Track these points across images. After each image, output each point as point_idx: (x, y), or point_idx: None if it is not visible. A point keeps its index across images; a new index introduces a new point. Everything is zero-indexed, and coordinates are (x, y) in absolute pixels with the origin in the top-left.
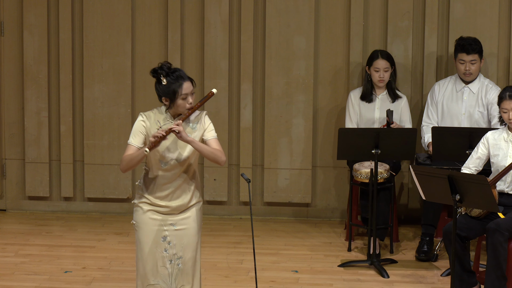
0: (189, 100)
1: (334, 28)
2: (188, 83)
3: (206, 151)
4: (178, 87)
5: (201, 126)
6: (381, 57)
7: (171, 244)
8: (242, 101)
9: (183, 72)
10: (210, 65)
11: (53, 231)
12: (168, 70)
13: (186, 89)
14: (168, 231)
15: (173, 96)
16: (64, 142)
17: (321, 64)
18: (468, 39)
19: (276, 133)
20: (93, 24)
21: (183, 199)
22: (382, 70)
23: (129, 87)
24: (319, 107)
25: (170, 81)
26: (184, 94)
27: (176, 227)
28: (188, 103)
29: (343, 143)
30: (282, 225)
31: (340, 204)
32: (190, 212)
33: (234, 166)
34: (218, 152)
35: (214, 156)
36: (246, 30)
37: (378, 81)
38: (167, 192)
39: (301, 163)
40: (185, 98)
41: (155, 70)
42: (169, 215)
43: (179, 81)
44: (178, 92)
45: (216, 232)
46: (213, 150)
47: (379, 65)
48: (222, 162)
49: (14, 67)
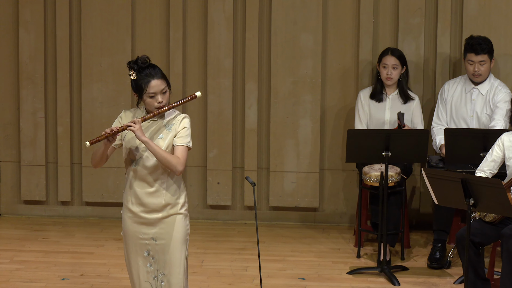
0: (158, 99)
1: (342, 25)
2: (158, 81)
3: (160, 156)
4: (146, 83)
5: (175, 128)
6: (391, 53)
7: (154, 259)
8: (247, 101)
9: (158, 70)
10: (214, 63)
11: (50, 237)
12: (142, 64)
13: (154, 87)
14: (151, 245)
15: (140, 93)
16: (61, 144)
17: (329, 63)
18: (478, 38)
19: (282, 135)
20: (91, 21)
21: (157, 208)
22: (390, 67)
23: (128, 86)
24: (327, 108)
25: (139, 77)
26: (151, 93)
27: (157, 241)
28: (157, 102)
29: (352, 145)
30: (289, 231)
31: (349, 208)
32: (170, 223)
33: (238, 169)
34: (174, 160)
35: (167, 163)
36: (251, 27)
37: (385, 79)
38: (141, 199)
39: (308, 166)
40: (153, 97)
41: (129, 63)
42: (150, 227)
43: (148, 78)
44: (144, 89)
45: (219, 238)
46: (168, 157)
47: (387, 61)
48: (176, 172)
49: (9, 65)
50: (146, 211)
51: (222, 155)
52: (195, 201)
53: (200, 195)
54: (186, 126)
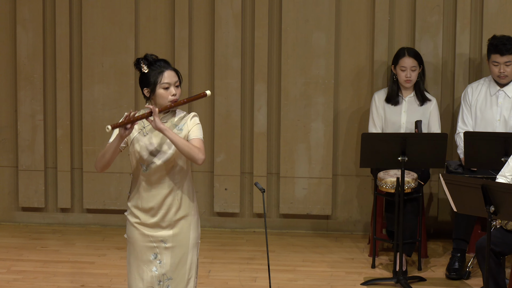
0: (172, 91)
1: (357, 23)
2: (171, 72)
3: (182, 144)
4: (159, 74)
5: (186, 127)
6: (408, 54)
7: (161, 263)
8: (256, 103)
9: (168, 63)
10: (221, 64)
11: (49, 246)
12: (152, 60)
13: (167, 77)
14: (159, 249)
15: (154, 86)
16: (61, 148)
17: (343, 63)
18: (502, 38)
19: (293, 139)
20: (93, 18)
21: (170, 211)
22: (409, 69)
23: (132, 87)
24: (340, 110)
25: (152, 69)
26: (165, 83)
27: (166, 244)
28: (171, 94)
29: (367, 150)
30: (300, 239)
31: (363, 216)
32: (182, 227)
33: (247, 174)
34: (195, 148)
35: (189, 150)
36: (261, 25)
37: (404, 81)
38: (152, 203)
39: (321, 171)
40: (167, 88)
41: (138, 60)
42: (159, 229)
43: (161, 69)
44: (158, 80)
45: (227, 247)
46: (189, 145)
47: (406, 63)
48: (199, 160)
49: (6, 65)
50: (158, 215)
51: (230, 160)
52: (202, 208)
53: (207, 202)
54: (198, 123)
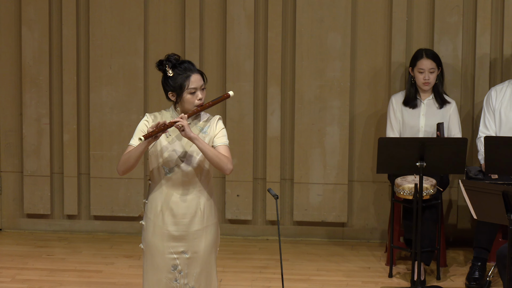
0: (198, 95)
1: (373, 24)
2: (197, 75)
3: (211, 153)
4: (186, 79)
5: (211, 130)
6: (426, 56)
7: (182, 274)
8: (269, 107)
9: (193, 64)
10: (233, 66)
11: (55, 254)
12: (175, 61)
13: (194, 82)
14: (179, 259)
15: (180, 90)
16: (67, 153)
17: (359, 65)
18: None
19: (307, 143)
20: (101, 19)
21: (193, 218)
22: (427, 71)
23: (141, 90)
24: (356, 114)
25: (177, 73)
26: (192, 88)
27: (188, 254)
28: (197, 99)
29: (384, 155)
30: (314, 248)
31: (380, 223)
32: (204, 236)
33: (260, 180)
34: (224, 158)
35: (218, 161)
36: (274, 26)
37: (422, 84)
38: (174, 209)
39: (336, 177)
40: (194, 93)
41: (161, 61)
42: (180, 240)
43: (187, 73)
44: (185, 85)
45: (239, 255)
46: (219, 154)
47: (424, 65)
48: (227, 170)
49: (11, 67)
50: (181, 223)
51: (242, 165)
52: None
53: (219, 208)
54: (223, 127)
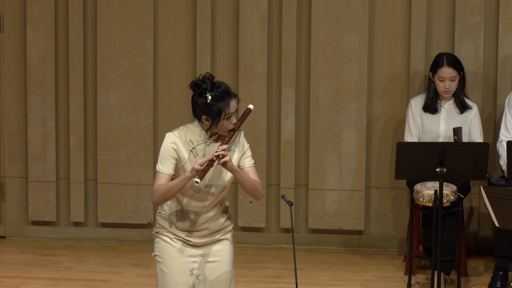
0: (233, 120)
1: (392, 24)
2: (234, 101)
3: (248, 183)
4: (225, 105)
5: (239, 148)
6: (447, 64)
7: (200, 279)
8: (283, 110)
9: (229, 87)
10: (246, 67)
11: (61, 262)
12: (211, 84)
13: (233, 107)
14: (198, 263)
15: (218, 116)
16: (74, 158)
17: (377, 67)
18: None
19: (323, 148)
20: (108, 18)
21: (213, 230)
22: (448, 80)
23: (150, 92)
24: (373, 117)
25: (216, 98)
26: (229, 113)
27: (207, 258)
28: (231, 123)
29: (402, 160)
30: (330, 256)
31: (398, 231)
32: (223, 243)
33: (273, 186)
34: (259, 186)
35: (254, 190)
36: (288, 26)
37: (443, 92)
38: (196, 224)
39: (353, 183)
40: (230, 118)
41: (197, 84)
42: (199, 247)
43: (226, 99)
44: (224, 111)
45: (252, 264)
46: (254, 183)
47: (445, 74)
48: (260, 197)
49: (15, 69)
50: (203, 234)
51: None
52: None
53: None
54: (248, 144)
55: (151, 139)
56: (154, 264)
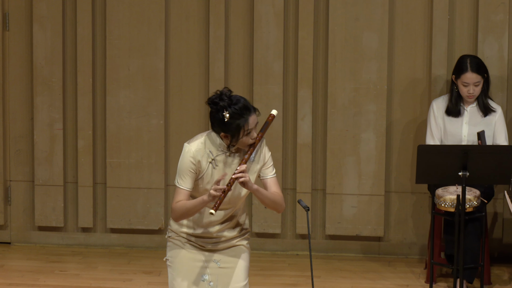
0: (254, 135)
1: (412, 22)
2: (253, 117)
3: (268, 200)
4: (244, 122)
5: (261, 157)
6: (471, 69)
7: (212, 285)
8: (300, 111)
9: (247, 102)
10: (261, 67)
11: (69, 269)
12: (229, 100)
13: (252, 123)
14: (210, 269)
15: (237, 133)
16: (82, 161)
17: (397, 67)
18: None
19: (340, 151)
20: (118, 16)
21: (229, 237)
22: (471, 85)
23: (161, 93)
24: (393, 119)
25: (234, 116)
26: (248, 130)
27: (220, 264)
28: (251, 138)
29: (423, 164)
30: (348, 263)
31: (419, 238)
32: (238, 249)
33: (289, 190)
34: (280, 199)
35: (275, 206)
36: (305, 24)
37: (466, 97)
38: (212, 231)
39: (372, 188)
40: (249, 133)
41: (214, 102)
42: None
43: (245, 116)
44: (243, 128)
45: (267, 272)
46: (276, 198)
47: (468, 79)
48: (281, 210)
49: (21, 68)
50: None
51: None
52: None
53: None
54: (270, 153)
55: (162, 141)
56: (165, 271)
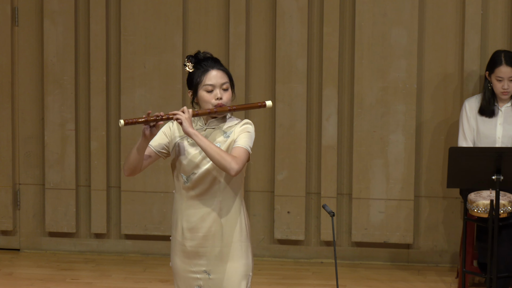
0: (217, 94)
1: (443, 17)
2: (218, 71)
3: (211, 150)
4: (203, 73)
5: (233, 133)
6: (505, 63)
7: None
8: (325, 112)
9: (218, 61)
10: (284, 65)
11: (81, 277)
12: (200, 58)
13: (212, 78)
14: (202, 280)
15: (196, 87)
16: (95, 163)
17: (427, 65)
18: None
19: (368, 153)
20: (133, 11)
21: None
22: (506, 80)
23: (179, 92)
24: (423, 120)
25: (197, 68)
26: (209, 85)
27: (211, 275)
28: (215, 98)
29: (455, 167)
30: (375, 272)
31: (450, 245)
32: (228, 254)
33: (313, 195)
34: (228, 156)
35: (220, 159)
36: (330, 20)
37: (501, 93)
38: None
39: (401, 192)
40: (211, 91)
41: (187, 56)
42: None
43: (207, 68)
44: (201, 81)
45: (290, 280)
46: (222, 152)
47: (503, 73)
48: (231, 171)
49: (31, 66)
50: (198, 238)
51: (294, 178)
52: (260, 234)
53: (266, 227)
54: (249, 131)
55: None
56: None
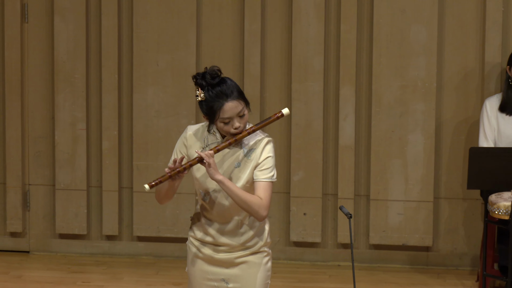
0: (235, 125)
1: (464, 14)
2: (233, 102)
3: (237, 199)
4: (218, 108)
5: (255, 155)
6: None
7: None
8: (342, 111)
9: (231, 85)
10: (300, 63)
11: (92, 280)
12: (211, 81)
13: (228, 111)
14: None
15: (212, 117)
16: (107, 163)
17: (447, 63)
18: None
19: (386, 153)
20: (146, 7)
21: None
22: None
23: (192, 90)
24: (443, 120)
25: (209, 98)
26: (226, 118)
27: (229, 284)
28: (233, 128)
29: (476, 167)
30: (394, 275)
31: (470, 248)
32: (249, 264)
33: (330, 196)
34: (255, 203)
35: (246, 208)
36: (348, 17)
37: None
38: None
39: (420, 194)
40: (228, 123)
41: (195, 77)
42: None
43: (220, 100)
44: (217, 114)
45: (306, 284)
46: (248, 199)
47: None
48: (259, 218)
49: (41, 64)
50: (220, 250)
51: (310, 178)
52: (276, 236)
53: (282, 229)
54: (270, 155)
55: None
56: None
